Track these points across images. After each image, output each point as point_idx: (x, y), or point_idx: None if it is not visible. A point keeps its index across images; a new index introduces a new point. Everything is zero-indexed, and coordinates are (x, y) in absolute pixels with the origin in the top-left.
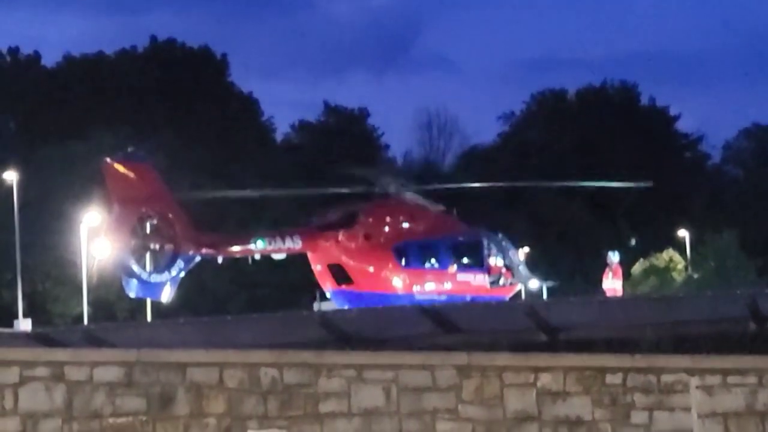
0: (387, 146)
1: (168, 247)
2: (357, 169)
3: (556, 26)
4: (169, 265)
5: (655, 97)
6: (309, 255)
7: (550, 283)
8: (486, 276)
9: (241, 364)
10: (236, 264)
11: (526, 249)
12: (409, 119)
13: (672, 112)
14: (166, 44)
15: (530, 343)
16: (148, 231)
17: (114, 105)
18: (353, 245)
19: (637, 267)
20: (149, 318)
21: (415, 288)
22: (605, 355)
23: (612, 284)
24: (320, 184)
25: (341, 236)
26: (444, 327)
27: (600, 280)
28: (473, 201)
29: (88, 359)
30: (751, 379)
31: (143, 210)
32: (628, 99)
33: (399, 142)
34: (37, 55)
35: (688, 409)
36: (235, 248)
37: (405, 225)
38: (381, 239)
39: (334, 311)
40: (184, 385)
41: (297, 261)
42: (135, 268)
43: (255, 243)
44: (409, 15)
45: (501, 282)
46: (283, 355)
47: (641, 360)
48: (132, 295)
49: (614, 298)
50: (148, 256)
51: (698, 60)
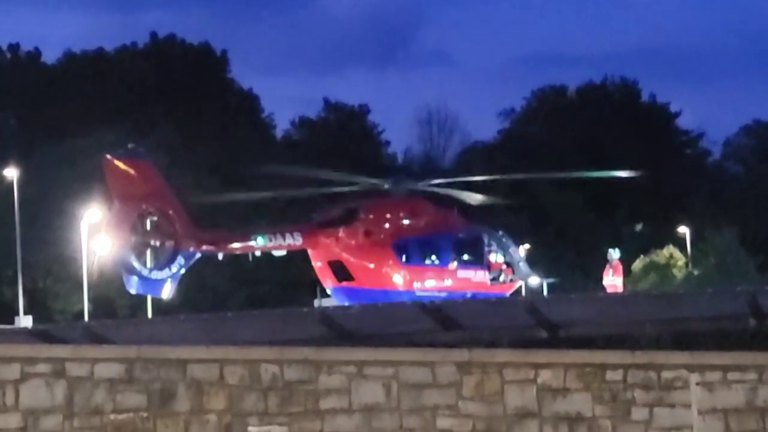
0: (387, 143)
1: (168, 244)
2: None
3: (557, 22)
4: (170, 262)
5: (656, 94)
6: (309, 252)
7: (551, 280)
8: (486, 273)
9: (242, 361)
10: (237, 261)
11: (527, 246)
12: (410, 116)
13: (672, 109)
14: (166, 41)
15: (531, 340)
16: (149, 228)
17: (114, 102)
18: (353, 242)
19: (638, 263)
20: (150, 315)
21: (416, 285)
22: (606, 352)
23: (612, 281)
24: (322, 182)
25: (342, 233)
26: (444, 324)
27: (600, 277)
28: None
29: (89, 356)
30: (751, 376)
31: (143, 207)
32: (629, 96)
33: (399, 139)
34: (38, 52)
35: (689, 406)
36: (236, 245)
37: (405, 222)
38: (381, 236)
39: (335, 308)
40: (185, 382)
41: (297, 258)
42: (135, 265)
43: (255, 240)
44: (409, 11)
45: (501, 279)
46: (284, 352)
47: (642, 356)
48: (132, 292)
49: (614, 295)
50: (149, 253)
51: (699, 57)
